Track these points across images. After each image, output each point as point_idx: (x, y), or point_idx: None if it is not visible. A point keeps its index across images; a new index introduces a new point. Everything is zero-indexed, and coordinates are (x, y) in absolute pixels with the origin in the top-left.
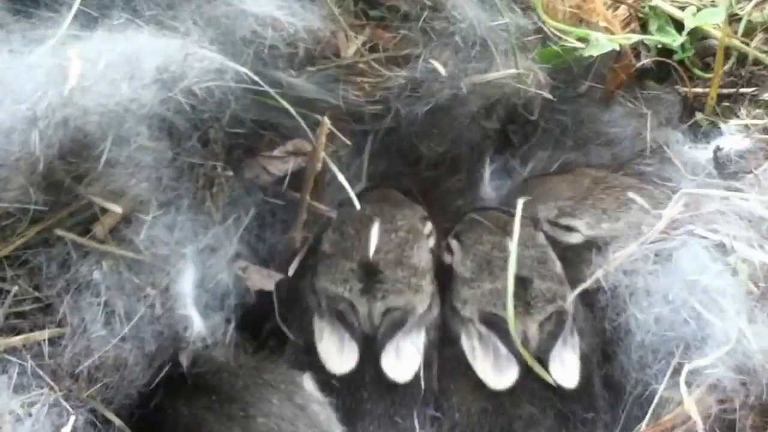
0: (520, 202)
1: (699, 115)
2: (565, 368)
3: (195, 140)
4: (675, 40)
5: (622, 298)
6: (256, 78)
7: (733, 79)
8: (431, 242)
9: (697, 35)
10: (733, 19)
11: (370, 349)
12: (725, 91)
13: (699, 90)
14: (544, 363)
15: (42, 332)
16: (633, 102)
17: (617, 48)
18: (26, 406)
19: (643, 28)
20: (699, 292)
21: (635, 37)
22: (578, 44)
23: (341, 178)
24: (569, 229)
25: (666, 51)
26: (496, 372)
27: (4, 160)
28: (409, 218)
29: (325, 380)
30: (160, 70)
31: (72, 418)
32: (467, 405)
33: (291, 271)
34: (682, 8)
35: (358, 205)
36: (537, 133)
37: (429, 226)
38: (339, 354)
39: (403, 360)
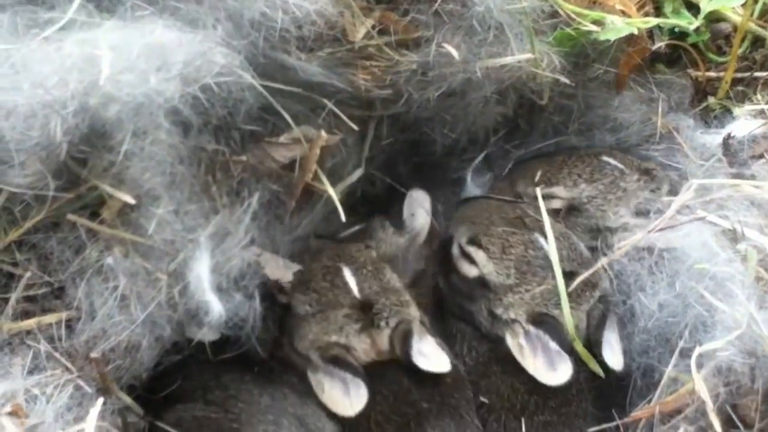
0: (539, 190)
1: (711, 100)
2: (614, 352)
3: (206, 131)
4: (691, 23)
5: (627, 283)
6: (261, 89)
7: (747, 63)
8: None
9: (710, 18)
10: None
11: None
12: (739, 75)
13: (712, 74)
14: (595, 350)
15: (54, 315)
16: (643, 86)
17: (634, 32)
18: (41, 387)
19: (657, 11)
20: (706, 279)
21: (653, 21)
22: (594, 28)
23: (331, 191)
24: (549, 196)
25: (679, 34)
26: (550, 369)
27: (22, 145)
28: (363, 252)
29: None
30: (186, 64)
31: (100, 401)
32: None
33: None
34: None
35: (343, 217)
36: (543, 119)
37: (372, 252)
38: (346, 397)
39: (434, 356)
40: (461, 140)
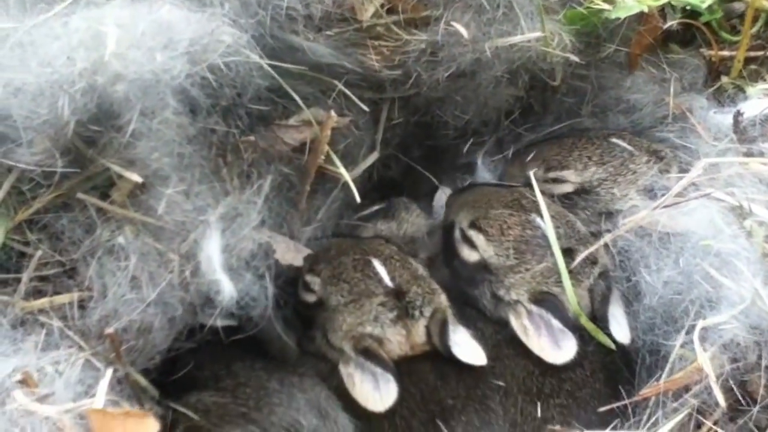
0: (532, 173)
1: (724, 79)
2: (620, 325)
3: (215, 112)
4: (704, 1)
5: (633, 261)
6: (269, 69)
7: (761, 42)
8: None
9: None
10: None
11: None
12: (752, 54)
13: (725, 53)
14: (602, 325)
15: (66, 295)
16: (656, 67)
17: (645, 10)
18: (54, 364)
19: None
20: (711, 256)
21: None
22: (605, 6)
23: (344, 173)
24: (560, 180)
25: (692, 13)
26: (554, 347)
27: (30, 123)
28: (387, 246)
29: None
30: (192, 43)
31: (109, 372)
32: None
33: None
34: None
35: (358, 198)
36: (556, 101)
37: (393, 246)
38: (376, 392)
39: (470, 347)
40: (473, 122)
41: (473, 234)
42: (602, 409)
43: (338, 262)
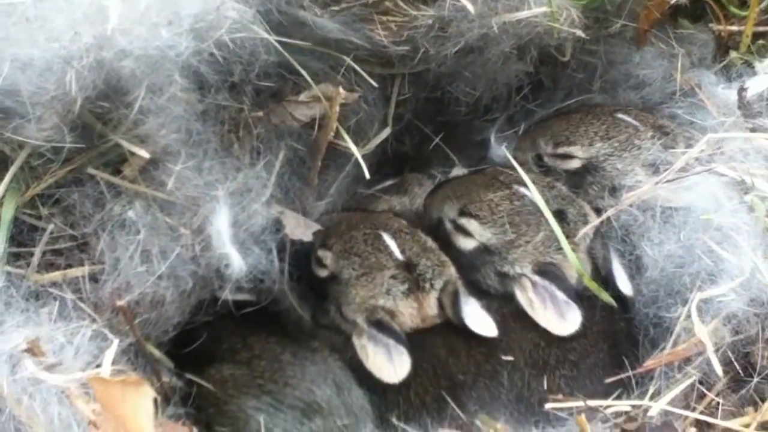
0: (507, 150)
1: (733, 54)
2: (624, 281)
3: (223, 88)
4: None
5: (635, 235)
6: (277, 45)
7: None
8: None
9: None
10: None
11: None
12: (761, 28)
13: (734, 28)
14: (609, 282)
15: (79, 269)
16: (665, 42)
17: None
18: (66, 335)
19: None
20: (713, 230)
21: None
22: None
23: (354, 149)
24: (568, 156)
25: None
26: (560, 319)
27: (39, 99)
28: (395, 220)
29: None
30: (197, 19)
31: (115, 342)
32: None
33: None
34: None
35: (367, 174)
36: (566, 77)
37: (402, 220)
38: (389, 363)
39: (481, 318)
40: (484, 98)
41: (465, 221)
42: (608, 380)
43: (349, 236)
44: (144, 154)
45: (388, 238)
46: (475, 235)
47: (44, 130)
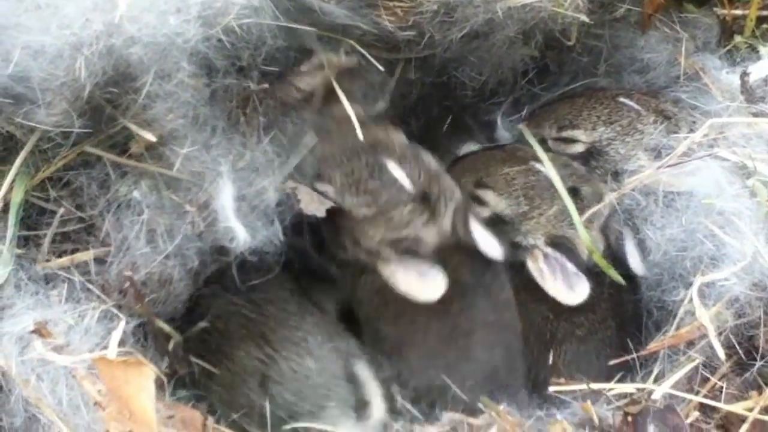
0: (524, 125)
1: (737, 39)
2: (636, 258)
3: (230, 73)
4: None
5: (638, 219)
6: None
7: None
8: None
9: None
10: None
11: None
12: (766, 12)
13: (738, 12)
14: (622, 260)
15: (87, 252)
16: (670, 26)
17: None
18: (75, 317)
19: None
20: (715, 214)
21: None
22: None
23: (349, 110)
24: (571, 140)
25: None
26: (569, 289)
27: (49, 84)
28: (394, 137)
29: None
30: (205, 6)
31: (122, 323)
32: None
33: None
34: None
35: (361, 136)
36: (571, 61)
37: (399, 132)
38: (423, 282)
39: (489, 239)
40: (490, 83)
41: (481, 192)
42: (613, 362)
43: (350, 168)
44: (151, 137)
45: (394, 168)
46: (490, 205)
47: (54, 115)
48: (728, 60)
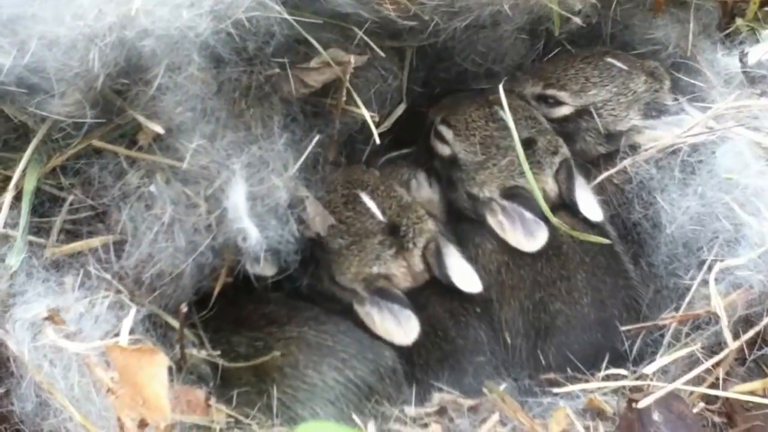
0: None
1: (739, 22)
2: (590, 206)
3: (239, 63)
4: None
5: (652, 191)
6: (293, 22)
7: None
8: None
9: None
10: None
11: None
12: None
13: None
14: (573, 207)
15: (97, 239)
16: (673, 8)
17: None
18: (85, 305)
19: None
20: (736, 191)
21: None
22: None
23: (365, 113)
24: (557, 103)
25: None
26: (528, 237)
27: (63, 75)
28: (368, 174)
29: None
30: (217, 0)
31: (133, 311)
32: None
33: None
34: None
35: (378, 140)
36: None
37: (374, 171)
38: (399, 327)
39: (465, 273)
40: (494, 70)
41: (443, 129)
42: (624, 328)
43: (327, 200)
44: (159, 129)
45: (366, 199)
46: (450, 144)
47: (67, 105)
48: (729, 43)
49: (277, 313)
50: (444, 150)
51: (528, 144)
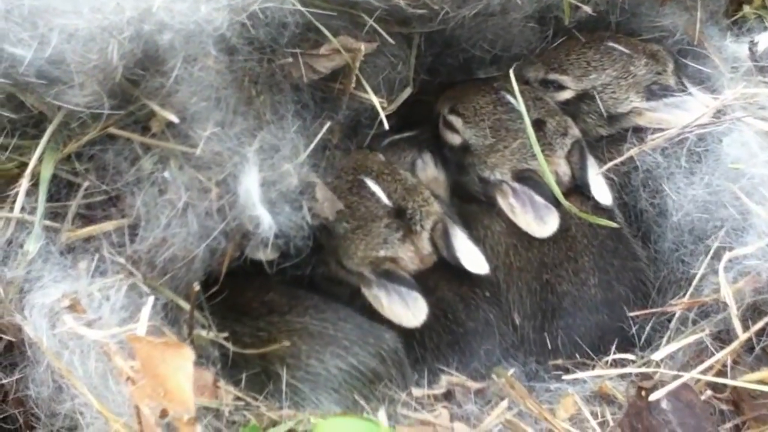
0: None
1: (746, 9)
2: (601, 189)
3: (253, 53)
4: None
5: (659, 179)
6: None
7: None
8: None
9: None
10: None
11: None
12: None
13: None
14: (585, 189)
15: (111, 222)
16: None
17: None
18: (101, 290)
19: None
20: (743, 179)
21: None
22: None
23: (374, 99)
24: (559, 87)
25: None
26: (539, 222)
27: (82, 67)
28: (371, 158)
29: None
30: None
31: (151, 299)
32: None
33: None
34: None
35: (386, 125)
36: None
37: (378, 155)
38: (407, 309)
39: (473, 253)
40: (503, 57)
41: (453, 118)
42: (633, 314)
43: (332, 186)
44: (173, 118)
45: (371, 183)
46: (460, 132)
47: (86, 96)
48: (736, 30)
49: (278, 302)
50: (454, 139)
51: (538, 125)
